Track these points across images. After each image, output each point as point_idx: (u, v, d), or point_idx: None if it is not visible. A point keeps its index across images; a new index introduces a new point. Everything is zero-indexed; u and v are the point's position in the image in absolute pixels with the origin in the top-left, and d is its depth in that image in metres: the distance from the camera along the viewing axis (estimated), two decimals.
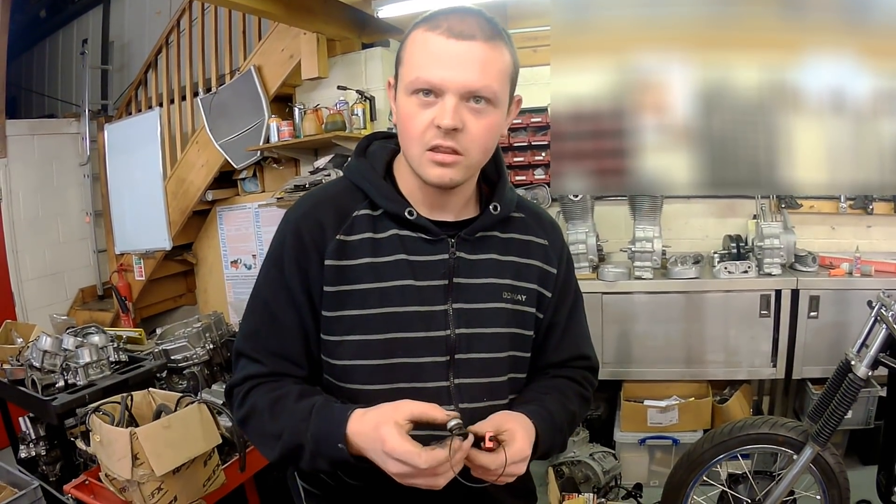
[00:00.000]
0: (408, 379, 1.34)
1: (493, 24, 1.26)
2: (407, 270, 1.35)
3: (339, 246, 1.35)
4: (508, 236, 1.46)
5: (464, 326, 1.37)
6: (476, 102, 1.24)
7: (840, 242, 4.09)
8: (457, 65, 1.22)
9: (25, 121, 6.05)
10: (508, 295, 1.42)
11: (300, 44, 4.64)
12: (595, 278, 3.88)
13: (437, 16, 1.26)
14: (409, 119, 1.27)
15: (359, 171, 1.43)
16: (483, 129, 1.26)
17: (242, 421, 1.38)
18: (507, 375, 1.42)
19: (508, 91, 1.32)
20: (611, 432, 3.98)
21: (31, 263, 5.79)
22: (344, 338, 1.35)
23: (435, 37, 1.23)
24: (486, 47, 1.23)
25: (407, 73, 1.27)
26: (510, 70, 1.30)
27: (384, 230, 1.37)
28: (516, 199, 1.50)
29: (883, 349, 2.54)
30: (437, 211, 1.40)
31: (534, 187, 4.38)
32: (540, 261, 1.48)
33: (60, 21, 7.26)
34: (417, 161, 1.29)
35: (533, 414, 1.32)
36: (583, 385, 1.55)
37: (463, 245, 1.39)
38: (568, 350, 1.54)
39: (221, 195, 5.50)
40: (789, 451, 2.79)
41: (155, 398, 2.73)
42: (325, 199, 1.42)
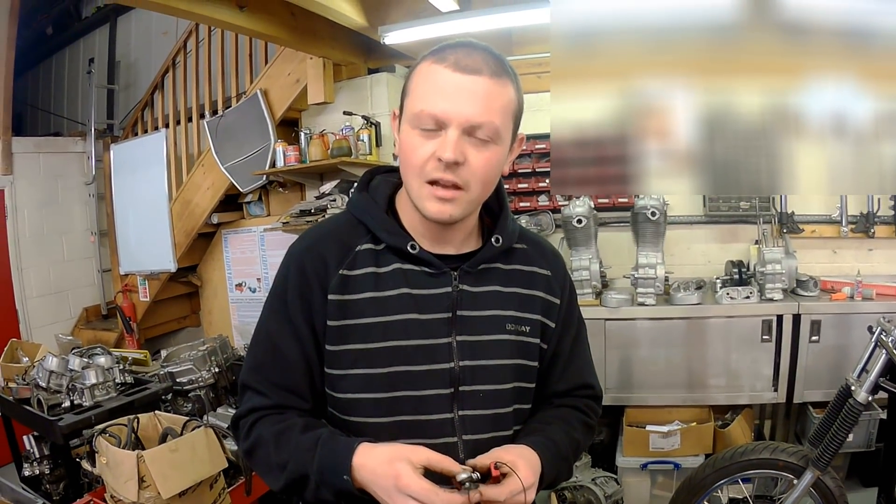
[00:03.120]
0: (412, 412, 1.34)
1: (499, 61, 1.28)
2: (410, 304, 1.35)
3: (341, 280, 1.35)
4: (511, 267, 1.46)
5: (468, 358, 1.36)
6: (478, 137, 1.25)
7: (841, 266, 4.10)
8: (461, 98, 1.23)
9: (31, 138, 6.07)
10: (512, 326, 1.42)
11: (306, 68, 4.68)
12: (598, 304, 3.89)
13: (444, 49, 1.27)
14: (411, 150, 1.27)
15: (361, 206, 1.43)
16: (484, 164, 1.27)
17: (248, 452, 1.39)
18: (512, 407, 1.42)
19: (511, 128, 1.32)
20: (613, 457, 3.97)
21: (35, 281, 5.79)
22: (347, 371, 1.35)
23: (441, 69, 1.24)
24: (491, 83, 1.24)
25: (411, 105, 1.28)
26: (514, 107, 1.31)
27: (387, 264, 1.37)
28: (518, 229, 1.50)
29: (883, 374, 2.55)
30: (439, 244, 1.40)
31: (537, 214, 4.40)
32: (543, 291, 1.48)
33: (67, 39, 7.32)
34: (417, 194, 1.30)
35: (536, 445, 1.32)
36: (587, 414, 1.55)
37: (466, 278, 1.39)
38: (572, 380, 1.55)
39: (227, 218, 5.52)
40: (790, 475, 2.80)
41: (161, 421, 2.75)
42: (327, 233, 1.43)
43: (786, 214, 4.05)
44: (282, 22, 4.00)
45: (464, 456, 1.33)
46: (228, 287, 5.70)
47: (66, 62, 7.37)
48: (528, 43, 4.50)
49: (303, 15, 3.92)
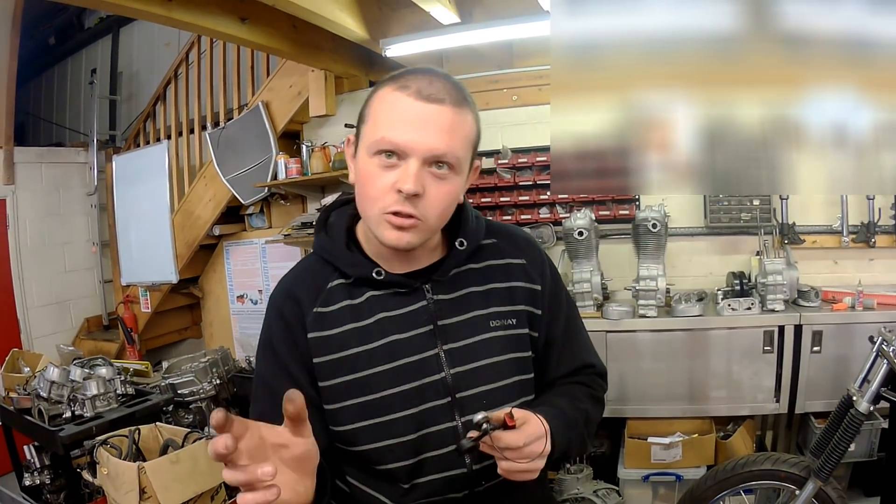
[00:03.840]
0: (413, 430, 1.34)
1: (459, 89, 1.27)
2: (390, 327, 1.36)
3: (317, 318, 1.36)
4: (484, 265, 1.45)
5: (458, 365, 1.36)
6: (438, 168, 1.24)
7: (843, 276, 4.09)
8: (424, 128, 1.22)
9: (34, 148, 6.09)
10: (498, 322, 1.41)
11: (308, 81, 4.70)
12: (599, 317, 3.88)
13: (405, 75, 1.27)
14: (370, 180, 1.26)
15: (322, 247, 1.44)
16: (443, 196, 1.27)
17: None
18: (517, 401, 1.40)
19: (470, 157, 1.33)
20: (614, 469, 3.95)
21: (36, 291, 5.80)
22: (343, 404, 1.35)
23: (403, 97, 1.23)
24: (453, 112, 1.24)
25: (371, 132, 1.26)
26: (473, 136, 1.31)
27: (360, 295, 1.38)
28: (484, 225, 1.49)
29: (884, 384, 2.55)
30: (406, 263, 1.40)
31: (539, 226, 4.40)
32: (522, 281, 1.47)
33: (69, 49, 7.34)
34: (375, 222, 1.28)
35: (543, 413, 1.28)
36: (591, 387, 1.54)
37: (439, 287, 1.40)
38: (571, 362, 1.54)
39: (228, 230, 5.53)
40: (792, 486, 2.79)
41: (162, 432, 2.75)
42: (298, 276, 1.46)
43: (787, 225, 4.04)
44: (283, 34, 4.02)
45: (470, 461, 1.34)
46: (230, 299, 5.70)
47: (69, 72, 7.39)
48: (528, 55, 4.50)
49: (304, 27, 3.93)
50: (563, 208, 4.39)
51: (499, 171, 4.42)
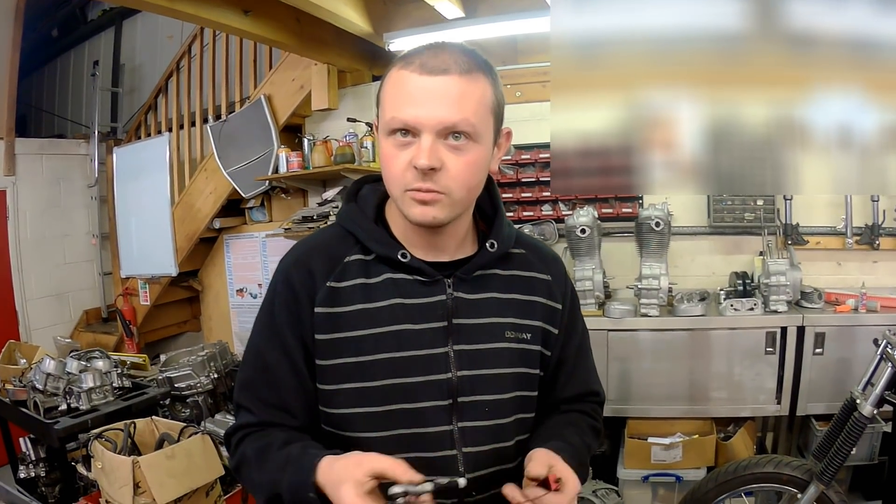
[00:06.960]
0: (408, 425, 1.31)
1: (471, 56, 1.24)
2: (402, 315, 1.32)
3: (329, 293, 1.32)
4: (509, 273, 1.42)
5: (466, 368, 1.33)
6: (455, 139, 1.21)
7: (846, 278, 4.07)
8: (430, 101, 1.19)
9: (35, 140, 6.10)
10: (512, 334, 1.38)
11: (311, 74, 4.67)
12: (601, 315, 3.86)
13: (411, 53, 1.25)
14: (389, 161, 1.25)
15: (349, 217, 1.40)
16: (464, 167, 1.23)
17: (235, 470, 1.37)
18: (514, 416, 1.38)
19: (492, 124, 1.28)
20: (614, 469, 3.94)
21: (35, 283, 5.80)
22: (340, 386, 1.32)
23: (408, 74, 1.21)
24: (461, 80, 1.20)
25: (384, 114, 1.25)
26: (491, 102, 1.26)
27: (377, 274, 1.34)
28: (515, 234, 1.46)
29: (888, 387, 2.53)
30: (432, 252, 1.36)
31: (541, 223, 4.38)
32: (543, 297, 1.44)
33: (72, 41, 7.33)
34: (400, 201, 1.26)
35: (561, 451, 1.27)
36: (594, 418, 1.53)
37: (461, 285, 1.36)
38: (578, 386, 1.52)
39: (229, 223, 5.51)
40: (793, 489, 2.77)
41: (158, 426, 2.73)
42: (316, 245, 1.40)
43: (790, 226, 4.02)
44: (287, 27, 4.00)
45: (464, 469, 1.30)
46: (229, 292, 5.69)
47: (71, 65, 7.38)
48: (532, 52, 4.48)
49: (308, 21, 3.92)
50: (566, 205, 4.37)
51: (501, 168, 4.40)
